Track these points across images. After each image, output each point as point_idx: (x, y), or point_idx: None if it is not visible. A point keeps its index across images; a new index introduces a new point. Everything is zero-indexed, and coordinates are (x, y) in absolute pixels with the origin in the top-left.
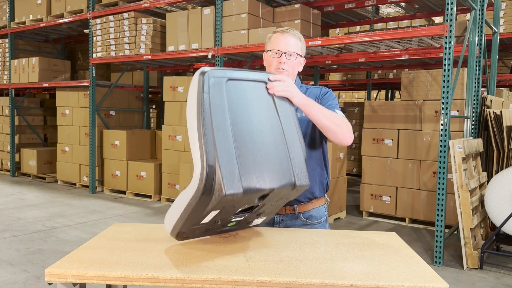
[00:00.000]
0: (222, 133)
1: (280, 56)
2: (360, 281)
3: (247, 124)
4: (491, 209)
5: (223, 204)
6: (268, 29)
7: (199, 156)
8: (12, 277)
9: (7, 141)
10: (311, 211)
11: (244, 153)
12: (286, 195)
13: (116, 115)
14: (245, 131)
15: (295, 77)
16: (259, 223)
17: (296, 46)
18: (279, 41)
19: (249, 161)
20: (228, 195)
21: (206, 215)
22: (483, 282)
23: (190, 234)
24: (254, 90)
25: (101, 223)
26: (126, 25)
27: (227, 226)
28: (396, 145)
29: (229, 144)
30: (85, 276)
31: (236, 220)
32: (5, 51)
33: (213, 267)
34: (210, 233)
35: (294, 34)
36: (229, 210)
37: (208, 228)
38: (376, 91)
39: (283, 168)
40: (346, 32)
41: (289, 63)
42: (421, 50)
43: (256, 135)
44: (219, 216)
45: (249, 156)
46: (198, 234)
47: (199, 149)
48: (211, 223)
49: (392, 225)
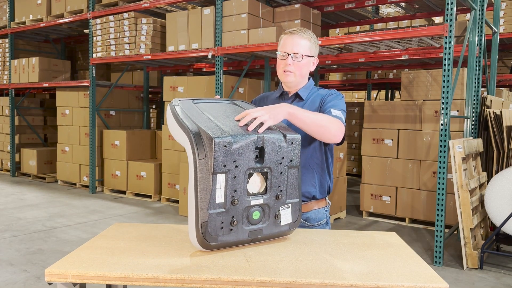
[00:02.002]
0: (199, 116)
1: (286, 58)
2: (360, 281)
3: (220, 114)
4: (491, 209)
5: (219, 158)
6: (268, 29)
7: (182, 134)
8: (12, 277)
9: (7, 141)
10: (309, 212)
11: (225, 122)
12: (287, 154)
13: (116, 115)
14: (221, 116)
15: (305, 78)
16: (288, 218)
17: (304, 47)
18: (286, 43)
19: (232, 125)
20: (215, 138)
21: (215, 184)
22: (483, 282)
23: (216, 231)
24: (220, 104)
25: (101, 223)
26: (126, 25)
27: (252, 219)
28: (396, 145)
29: (208, 120)
30: (85, 276)
31: (257, 206)
32: (5, 51)
33: (213, 267)
34: (239, 234)
35: (303, 35)
36: (235, 173)
37: (232, 219)
38: (376, 91)
39: (268, 129)
40: (346, 32)
41: (296, 64)
42: (421, 50)
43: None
44: (229, 188)
45: (230, 123)
46: (226, 232)
47: (186, 136)
48: (231, 208)
49: (392, 225)
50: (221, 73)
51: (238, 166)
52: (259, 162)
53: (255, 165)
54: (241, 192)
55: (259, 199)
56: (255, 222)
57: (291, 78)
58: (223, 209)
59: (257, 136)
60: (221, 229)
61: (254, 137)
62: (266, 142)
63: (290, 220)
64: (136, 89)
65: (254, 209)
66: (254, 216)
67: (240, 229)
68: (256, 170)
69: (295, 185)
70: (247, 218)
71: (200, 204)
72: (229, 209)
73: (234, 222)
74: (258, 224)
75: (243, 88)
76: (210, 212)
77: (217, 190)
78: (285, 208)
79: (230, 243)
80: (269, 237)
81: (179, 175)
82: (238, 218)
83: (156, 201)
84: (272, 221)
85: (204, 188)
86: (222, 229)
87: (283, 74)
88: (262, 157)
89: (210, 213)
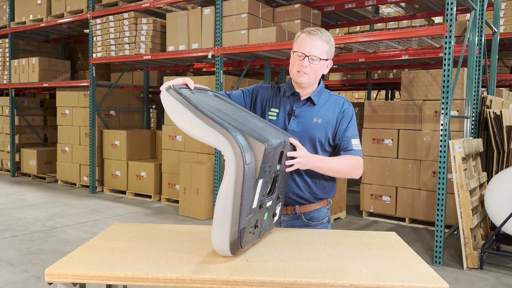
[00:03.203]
0: (219, 111)
1: (303, 59)
2: (360, 281)
3: (225, 106)
4: (491, 209)
5: (266, 160)
6: (268, 29)
7: (218, 136)
8: (12, 277)
9: (7, 141)
10: (312, 212)
11: (243, 122)
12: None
13: (116, 115)
14: (226, 110)
15: (317, 81)
16: (278, 215)
17: (321, 49)
18: (304, 43)
19: (251, 126)
20: (266, 144)
21: (255, 189)
22: (483, 282)
23: (248, 236)
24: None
25: (101, 223)
26: (126, 25)
27: (263, 220)
28: (396, 145)
29: (230, 117)
30: (85, 276)
31: (268, 207)
32: (5, 51)
33: (213, 267)
34: (256, 236)
35: (322, 37)
36: (267, 178)
37: (256, 224)
38: (376, 91)
39: (273, 133)
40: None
41: (311, 67)
42: (421, 50)
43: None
44: (261, 193)
45: (248, 124)
46: (251, 236)
47: (213, 133)
48: (258, 211)
49: (392, 225)
50: (221, 73)
51: (270, 171)
52: (278, 165)
53: (277, 168)
54: (265, 196)
55: (270, 201)
56: (264, 223)
57: (305, 79)
58: (254, 214)
59: (284, 139)
60: (249, 233)
61: (282, 140)
62: (286, 145)
63: (278, 217)
64: (136, 89)
65: (266, 210)
66: (265, 217)
67: (257, 232)
68: (276, 173)
69: (285, 186)
70: (261, 220)
71: (242, 210)
72: (257, 213)
73: (257, 225)
74: (264, 225)
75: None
76: (249, 217)
77: (256, 194)
78: (278, 206)
79: (249, 245)
80: (264, 235)
81: (179, 175)
82: (259, 221)
83: (156, 201)
84: (271, 220)
85: (248, 194)
86: (250, 233)
87: (297, 74)
88: (280, 160)
89: (249, 217)
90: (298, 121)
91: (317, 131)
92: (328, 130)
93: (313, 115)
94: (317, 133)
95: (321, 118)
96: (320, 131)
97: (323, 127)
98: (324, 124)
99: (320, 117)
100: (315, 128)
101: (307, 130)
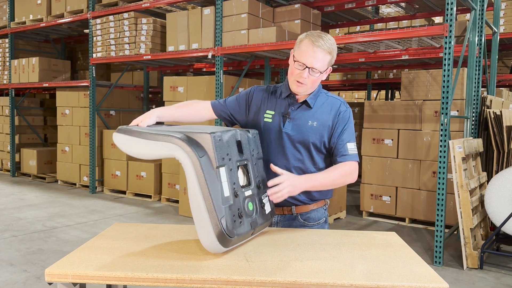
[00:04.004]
0: (160, 130)
1: (303, 69)
2: (360, 281)
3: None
4: (491, 209)
5: (218, 149)
6: (268, 29)
7: (166, 145)
8: (12, 277)
9: (7, 141)
10: (309, 212)
11: (185, 129)
12: (255, 146)
13: (116, 115)
14: (169, 128)
15: (315, 89)
16: (269, 206)
17: (323, 61)
18: (306, 53)
19: (193, 129)
20: (211, 134)
21: (219, 178)
22: (483, 282)
23: (232, 225)
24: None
25: (101, 223)
26: (126, 25)
27: (249, 210)
28: (396, 145)
29: (171, 129)
30: (85, 276)
31: (248, 197)
32: (5, 51)
33: (213, 267)
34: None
35: (325, 48)
36: (230, 166)
37: (239, 213)
38: (376, 91)
39: (219, 129)
40: (346, 32)
41: (311, 78)
42: (421, 50)
43: None
44: (230, 181)
45: (189, 129)
46: (238, 225)
47: (160, 144)
48: (235, 200)
49: (392, 225)
50: (221, 73)
51: (230, 158)
52: (240, 155)
53: (239, 157)
54: (237, 184)
55: (249, 190)
56: (251, 213)
57: (303, 90)
58: (232, 202)
59: (235, 130)
60: (234, 222)
61: (233, 131)
62: (241, 135)
63: (270, 208)
64: (136, 89)
65: (247, 200)
66: (249, 207)
67: (245, 221)
68: (241, 162)
69: (264, 175)
70: (245, 209)
71: (215, 200)
72: (235, 202)
73: (241, 214)
74: (253, 215)
75: (243, 88)
76: (224, 206)
77: (223, 183)
78: (265, 196)
79: (243, 237)
80: (262, 227)
81: (179, 175)
82: (242, 210)
83: (156, 201)
84: (261, 211)
85: (213, 184)
86: (235, 222)
87: (295, 84)
88: (241, 149)
89: (225, 207)
90: (293, 124)
91: (312, 134)
92: (324, 133)
93: (308, 118)
94: (312, 136)
95: (317, 121)
96: (315, 134)
97: (318, 130)
98: (320, 127)
99: (316, 120)
100: (310, 131)
101: (302, 133)
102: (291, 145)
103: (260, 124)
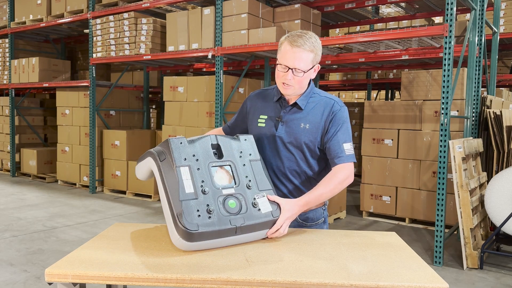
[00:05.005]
0: None
1: (286, 71)
2: (360, 281)
3: None
4: (491, 209)
5: (178, 150)
6: (268, 29)
7: (146, 163)
8: (12, 277)
9: (7, 141)
10: (307, 213)
11: None
12: (244, 149)
13: (116, 115)
14: None
15: (304, 88)
16: (267, 206)
17: (306, 61)
18: (287, 54)
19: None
20: (170, 138)
21: (180, 176)
22: (483, 282)
23: (194, 218)
24: None
25: (101, 223)
26: (126, 25)
27: (230, 207)
28: (396, 145)
29: None
30: (85, 276)
31: (230, 196)
32: (5, 51)
33: (213, 267)
34: (222, 222)
35: (305, 47)
36: (198, 166)
37: (208, 208)
38: (376, 91)
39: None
40: (346, 32)
41: (296, 79)
42: (421, 50)
43: None
44: (196, 179)
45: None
46: (204, 219)
47: (144, 164)
48: (203, 196)
49: (392, 225)
50: (221, 73)
51: (198, 159)
52: (219, 157)
53: (215, 159)
54: (209, 182)
55: (230, 189)
56: (234, 211)
57: (291, 91)
58: (195, 198)
59: (213, 135)
60: (198, 216)
61: (208, 136)
62: (220, 140)
63: (270, 208)
64: (136, 89)
65: (228, 198)
66: (230, 205)
67: (220, 218)
68: (220, 163)
69: (263, 176)
70: (223, 207)
71: (172, 197)
72: (202, 198)
73: (211, 210)
74: (238, 213)
75: (243, 88)
76: (182, 200)
77: (184, 181)
78: (260, 196)
79: (215, 233)
80: (256, 225)
81: None
82: (213, 206)
83: (156, 201)
84: (252, 210)
85: (171, 183)
86: (200, 216)
87: (282, 86)
88: (220, 153)
89: (183, 201)
90: (286, 127)
91: (305, 137)
92: (317, 135)
93: (300, 121)
94: (305, 139)
95: (309, 123)
96: (308, 136)
97: (311, 132)
98: (313, 129)
99: (308, 122)
100: (303, 134)
101: (295, 136)
102: (285, 149)
103: (256, 130)
